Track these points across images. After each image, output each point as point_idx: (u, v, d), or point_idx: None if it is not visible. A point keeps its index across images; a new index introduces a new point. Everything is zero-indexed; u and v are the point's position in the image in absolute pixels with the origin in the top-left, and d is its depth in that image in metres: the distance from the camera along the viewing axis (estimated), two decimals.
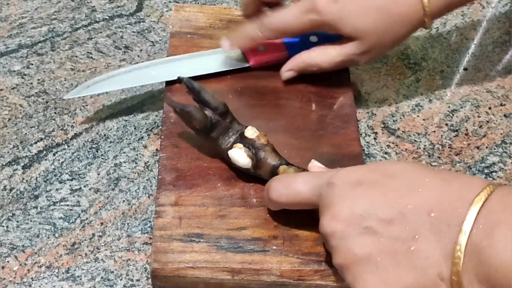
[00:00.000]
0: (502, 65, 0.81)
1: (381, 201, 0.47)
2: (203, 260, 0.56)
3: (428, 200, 0.45)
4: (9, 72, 0.75)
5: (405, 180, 0.47)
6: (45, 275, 0.59)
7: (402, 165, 0.50)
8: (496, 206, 0.42)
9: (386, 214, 0.46)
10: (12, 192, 0.65)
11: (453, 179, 0.46)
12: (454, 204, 0.44)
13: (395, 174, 0.48)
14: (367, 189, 0.48)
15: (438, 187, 0.46)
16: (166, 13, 0.84)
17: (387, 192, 0.47)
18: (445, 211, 0.44)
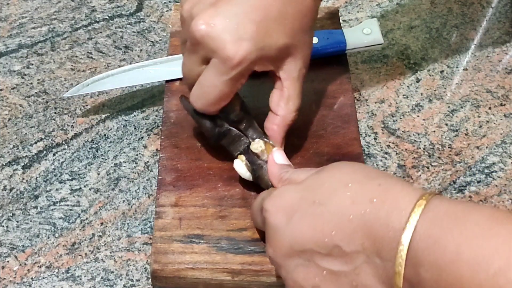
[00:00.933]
0: (502, 65, 0.81)
1: (316, 235, 0.46)
2: (203, 261, 0.56)
3: (360, 229, 0.43)
4: (9, 72, 0.75)
5: (334, 206, 0.45)
6: (45, 275, 0.59)
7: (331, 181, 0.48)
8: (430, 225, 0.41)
9: (324, 249, 0.45)
10: (12, 192, 0.65)
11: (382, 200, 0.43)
12: (383, 234, 0.42)
13: (323, 199, 0.46)
14: (300, 221, 0.47)
15: (367, 211, 0.43)
16: (166, 13, 0.84)
17: (320, 224, 0.46)
18: (376, 242, 0.43)
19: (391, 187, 0.44)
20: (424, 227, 0.41)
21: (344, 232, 0.44)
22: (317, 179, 0.49)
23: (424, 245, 0.40)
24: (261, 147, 0.59)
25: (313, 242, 0.46)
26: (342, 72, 0.72)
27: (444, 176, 0.69)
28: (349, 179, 0.46)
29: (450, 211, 0.41)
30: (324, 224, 0.45)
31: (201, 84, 0.57)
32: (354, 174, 0.47)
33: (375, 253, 0.43)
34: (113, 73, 0.70)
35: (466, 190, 0.68)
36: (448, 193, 0.67)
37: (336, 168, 0.49)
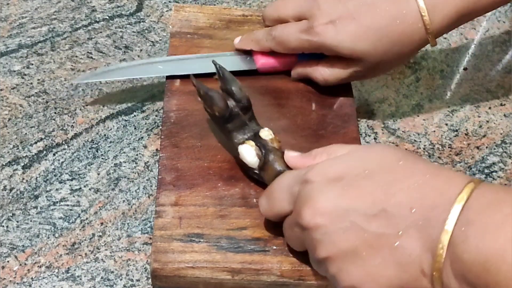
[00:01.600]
0: (502, 64, 0.81)
1: (364, 197, 0.47)
2: (203, 260, 0.55)
3: (410, 196, 0.45)
4: (9, 72, 0.75)
5: (385, 175, 0.47)
6: (45, 275, 0.59)
7: (382, 155, 0.49)
8: (474, 205, 0.43)
9: (370, 210, 0.46)
10: (12, 192, 0.65)
11: (435, 174, 0.46)
12: (436, 201, 0.44)
13: (374, 169, 0.48)
14: (348, 185, 0.48)
15: (420, 182, 0.45)
16: (166, 13, 0.84)
17: (369, 189, 0.47)
18: (427, 208, 0.44)
19: (443, 169, 0.47)
20: (478, 194, 0.43)
21: (394, 197, 0.45)
22: (364, 152, 0.50)
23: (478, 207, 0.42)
24: (271, 135, 0.60)
25: (361, 202, 0.46)
26: None
27: None
28: (400, 158, 0.48)
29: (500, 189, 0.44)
30: (374, 189, 0.46)
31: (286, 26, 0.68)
32: (406, 155, 0.48)
33: (424, 217, 0.44)
34: (123, 65, 0.71)
35: None
36: None
37: (386, 148, 0.50)
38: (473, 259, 0.41)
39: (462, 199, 0.43)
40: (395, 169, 0.47)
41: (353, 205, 0.47)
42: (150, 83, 0.75)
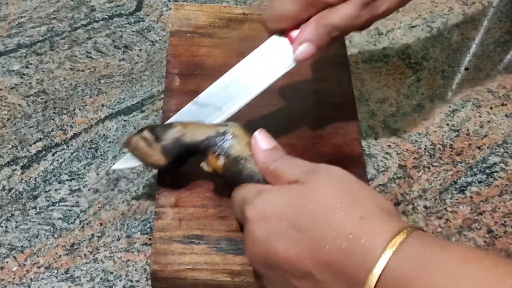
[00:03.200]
0: (503, 64, 0.81)
1: (290, 256, 0.46)
2: (203, 262, 0.55)
3: (335, 263, 0.44)
4: (8, 72, 0.75)
5: (314, 235, 0.46)
6: (44, 275, 0.59)
7: (318, 200, 0.47)
8: (389, 283, 0.42)
9: (297, 272, 0.46)
10: (11, 193, 0.64)
11: (360, 235, 0.44)
12: (353, 273, 0.44)
13: (305, 224, 0.46)
14: (278, 240, 0.47)
15: (344, 246, 0.44)
16: (166, 12, 0.83)
17: (297, 249, 0.46)
18: (348, 277, 0.44)
19: (372, 221, 0.45)
20: (393, 268, 0.42)
21: (318, 262, 0.45)
22: (302, 194, 0.48)
23: (392, 285, 0.42)
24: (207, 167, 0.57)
25: (287, 263, 0.47)
26: (343, 71, 0.72)
27: (445, 176, 0.68)
28: (333, 205, 0.46)
29: (421, 251, 0.42)
30: (300, 249, 0.46)
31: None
32: (341, 198, 0.46)
33: (349, 285, 0.44)
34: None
35: (467, 191, 0.68)
36: (449, 193, 0.67)
37: (326, 185, 0.48)
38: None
39: (374, 277, 0.42)
40: (324, 224, 0.45)
41: (281, 263, 0.47)
42: (149, 83, 0.75)
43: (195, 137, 0.57)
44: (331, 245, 0.45)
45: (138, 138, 0.59)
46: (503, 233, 0.65)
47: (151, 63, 0.77)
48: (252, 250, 0.50)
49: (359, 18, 0.57)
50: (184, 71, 0.71)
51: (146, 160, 0.59)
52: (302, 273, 0.46)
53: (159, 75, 0.75)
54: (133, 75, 0.76)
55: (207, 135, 0.57)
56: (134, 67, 0.76)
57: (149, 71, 0.76)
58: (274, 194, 0.50)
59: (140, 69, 0.76)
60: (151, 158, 0.59)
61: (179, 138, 0.57)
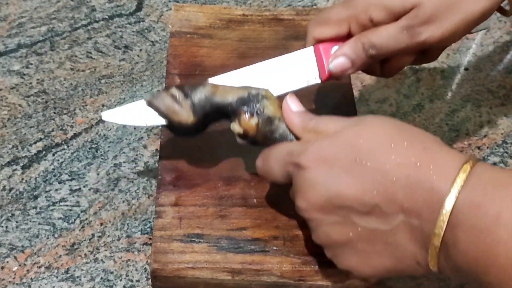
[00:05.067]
0: (503, 65, 0.81)
1: (356, 191, 0.46)
2: (203, 261, 0.55)
3: (402, 192, 0.44)
4: (8, 72, 0.75)
5: (376, 164, 0.45)
6: (45, 275, 0.59)
7: (373, 136, 0.47)
8: (464, 205, 0.42)
9: (363, 207, 0.46)
10: (12, 193, 0.64)
11: (426, 163, 0.44)
12: (426, 198, 0.43)
13: (365, 156, 0.46)
14: (340, 174, 0.46)
15: (411, 174, 0.44)
16: (166, 12, 0.84)
17: (361, 183, 0.46)
18: (418, 205, 0.44)
19: (436, 152, 0.45)
20: (467, 192, 0.42)
21: (386, 193, 0.45)
22: (356, 134, 0.47)
23: (466, 209, 0.42)
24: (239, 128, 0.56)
25: (353, 199, 0.46)
26: None
27: None
28: (392, 139, 0.46)
29: (493, 177, 0.43)
30: (365, 183, 0.45)
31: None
32: (399, 133, 0.47)
33: (415, 215, 0.44)
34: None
35: None
36: None
37: (378, 125, 0.48)
38: (464, 261, 0.42)
39: (451, 200, 0.42)
40: (387, 155, 0.45)
41: (345, 201, 0.46)
42: (149, 83, 0.75)
43: (226, 97, 0.56)
44: (397, 175, 0.44)
45: (165, 94, 0.57)
46: None
47: (151, 63, 0.77)
48: (311, 196, 0.48)
49: (398, 40, 0.56)
50: (184, 72, 0.71)
51: (172, 118, 0.57)
52: (369, 208, 0.45)
53: (159, 75, 0.76)
54: (133, 75, 0.76)
55: (239, 96, 0.56)
56: (134, 67, 0.77)
57: (149, 71, 0.76)
58: (327, 139, 0.49)
59: (140, 69, 0.76)
60: (178, 116, 0.57)
61: (210, 97, 0.56)
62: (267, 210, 0.59)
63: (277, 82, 0.61)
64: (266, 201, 0.59)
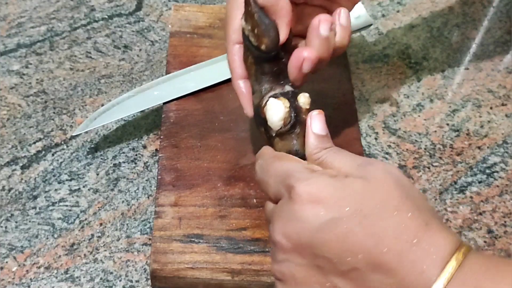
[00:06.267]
0: (504, 64, 0.81)
1: (342, 248, 0.42)
2: (203, 261, 0.55)
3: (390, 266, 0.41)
4: (8, 72, 0.75)
5: (374, 231, 0.41)
6: (44, 276, 0.59)
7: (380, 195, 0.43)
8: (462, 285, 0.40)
9: (341, 265, 0.42)
10: (11, 193, 0.64)
11: (423, 243, 0.41)
12: (415, 278, 0.40)
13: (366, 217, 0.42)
14: (331, 226, 0.42)
15: (404, 251, 0.41)
16: (166, 12, 0.83)
17: (351, 242, 0.42)
18: (405, 284, 0.41)
19: (436, 231, 0.41)
20: (458, 281, 0.40)
21: (372, 261, 0.41)
22: (362, 187, 0.43)
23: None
24: (308, 104, 0.52)
25: (335, 254, 0.42)
26: (343, 71, 0.72)
27: (445, 176, 0.68)
28: (398, 205, 0.42)
29: (484, 266, 0.40)
30: (355, 243, 0.41)
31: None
32: (405, 200, 0.43)
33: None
34: (117, 101, 0.68)
35: (467, 191, 0.68)
36: (449, 193, 0.67)
37: (387, 183, 0.44)
38: None
39: (443, 280, 0.40)
40: (387, 222, 0.42)
41: (327, 253, 0.42)
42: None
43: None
44: (391, 246, 0.41)
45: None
46: (503, 233, 0.64)
47: (151, 63, 0.77)
48: (291, 231, 0.44)
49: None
50: None
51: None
52: (347, 269, 0.42)
53: (159, 75, 0.75)
54: (133, 75, 0.75)
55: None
56: (134, 67, 0.76)
57: (149, 71, 0.76)
58: (333, 180, 0.44)
59: (140, 69, 0.76)
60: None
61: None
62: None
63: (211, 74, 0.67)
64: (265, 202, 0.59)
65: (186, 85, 0.69)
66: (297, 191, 0.44)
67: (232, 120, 0.66)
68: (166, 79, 0.70)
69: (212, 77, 0.70)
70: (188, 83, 0.69)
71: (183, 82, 0.69)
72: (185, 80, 0.70)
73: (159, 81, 0.70)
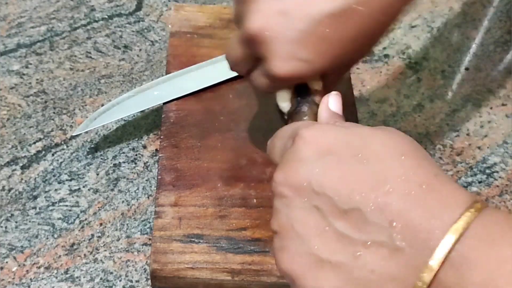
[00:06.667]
0: (504, 64, 0.81)
1: (342, 184, 0.39)
2: (203, 261, 0.55)
3: (396, 206, 0.37)
4: (8, 72, 0.75)
5: (379, 167, 0.39)
6: (44, 276, 0.59)
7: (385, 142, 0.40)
8: (474, 241, 0.36)
9: (342, 204, 0.39)
10: (11, 193, 0.64)
11: (433, 189, 0.38)
12: (424, 224, 0.37)
13: (369, 156, 0.39)
14: (333, 164, 0.40)
15: (413, 192, 0.38)
16: (166, 12, 0.83)
17: (353, 177, 0.39)
18: (412, 229, 0.37)
19: (446, 182, 0.38)
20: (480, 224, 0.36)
21: (374, 200, 0.38)
22: (369, 134, 0.41)
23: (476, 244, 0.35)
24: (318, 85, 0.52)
25: (335, 191, 0.39)
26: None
27: None
28: (406, 152, 0.40)
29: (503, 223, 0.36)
30: (356, 182, 0.39)
31: (250, 79, 0.55)
32: (415, 152, 0.40)
33: (404, 239, 0.37)
34: (117, 101, 0.68)
35: (468, 191, 0.67)
36: None
37: (397, 135, 0.42)
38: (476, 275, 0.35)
39: (456, 231, 0.36)
40: (392, 163, 0.39)
41: (327, 189, 0.39)
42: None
43: None
44: (396, 187, 0.37)
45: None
46: None
47: (151, 63, 0.77)
48: (292, 171, 0.41)
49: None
50: None
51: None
52: (348, 208, 0.38)
53: (159, 75, 0.75)
54: (133, 75, 0.75)
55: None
56: (134, 67, 0.76)
57: (149, 71, 0.76)
58: (337, 128, 0.43)
59: (140, 69, 0.76)
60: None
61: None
62: (267, 210, 0.59)
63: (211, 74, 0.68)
64: (266, 201, 0.59)
65: (186, 85, 0.69)
66: (300, 134, 0.42)
67: (232, 120, 0.66)
68: (166, 79, 0.70)
69: (212, 77, 0.70)
70: (188, 83, 0.69)
71: (183, 82, 0.69)
72: (185, 80, 0.70)
73: (159, 81, 0.70)
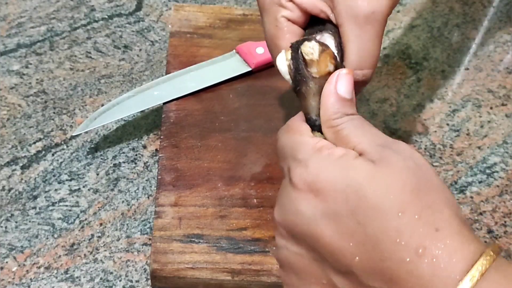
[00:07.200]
0: (504, 64, 0.81)
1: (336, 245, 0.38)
2: (203, 261, 0.55)
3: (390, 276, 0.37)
4: (8, 72, 0.75)
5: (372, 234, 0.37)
6: (44, 276, 0.59)
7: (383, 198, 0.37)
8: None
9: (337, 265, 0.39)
10: (11, 193, 0.64)
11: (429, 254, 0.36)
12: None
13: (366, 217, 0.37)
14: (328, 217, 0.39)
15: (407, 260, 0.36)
16: (166, 12, 0.83)
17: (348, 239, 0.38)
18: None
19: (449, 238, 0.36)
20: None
21: (369, 266, 0.37)
22: (371, 178, 0.38)
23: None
24: (312, 54, 0.43)
25: (330, 252, 0.39)
26: None
27: (445, 176, 0.68)
28: (405, 202, 0.37)
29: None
30: (351, 244, 0.38)
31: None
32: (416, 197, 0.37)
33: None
34: (117, 101, 0.68)
35: (467, 191, 0.67)
36: None
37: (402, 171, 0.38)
38: None
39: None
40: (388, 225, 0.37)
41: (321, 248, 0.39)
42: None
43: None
44: (391, 253, 0.36)
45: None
46: (503, 233, 0.64)
47: (151, 63, 0.77)
48: (289, 219, 0.41)
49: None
50: None
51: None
52: (343, 269, 0.38)
53: (159, 75, 0.75)
54: (133, 75, 0.75)
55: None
56: (134, 67, 0.76)
57: (149, 71, 0.76)
58: (336, 164, 0.39)
59: (140, 69, 0.76)
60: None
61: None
62: (267, 210, 0.59)
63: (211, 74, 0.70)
64: (266, 201, 0.59)
65: (186, 85, 0.69)
66: (293, 178, 0.40)
67: (232, 120, 0.66)
68: (166, 79, 0.70)
69: (212, 77, 0.70)
70: (188, 83, 0.69)
71: (183, 82, 0.69)
72: (185, 80, 0.70)
73: (159, 81, 0.70)
